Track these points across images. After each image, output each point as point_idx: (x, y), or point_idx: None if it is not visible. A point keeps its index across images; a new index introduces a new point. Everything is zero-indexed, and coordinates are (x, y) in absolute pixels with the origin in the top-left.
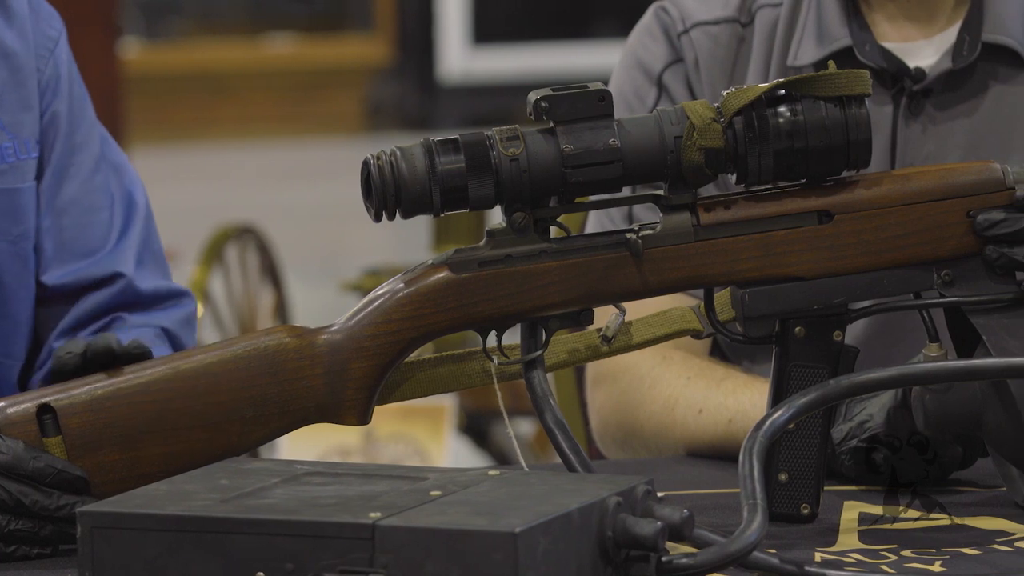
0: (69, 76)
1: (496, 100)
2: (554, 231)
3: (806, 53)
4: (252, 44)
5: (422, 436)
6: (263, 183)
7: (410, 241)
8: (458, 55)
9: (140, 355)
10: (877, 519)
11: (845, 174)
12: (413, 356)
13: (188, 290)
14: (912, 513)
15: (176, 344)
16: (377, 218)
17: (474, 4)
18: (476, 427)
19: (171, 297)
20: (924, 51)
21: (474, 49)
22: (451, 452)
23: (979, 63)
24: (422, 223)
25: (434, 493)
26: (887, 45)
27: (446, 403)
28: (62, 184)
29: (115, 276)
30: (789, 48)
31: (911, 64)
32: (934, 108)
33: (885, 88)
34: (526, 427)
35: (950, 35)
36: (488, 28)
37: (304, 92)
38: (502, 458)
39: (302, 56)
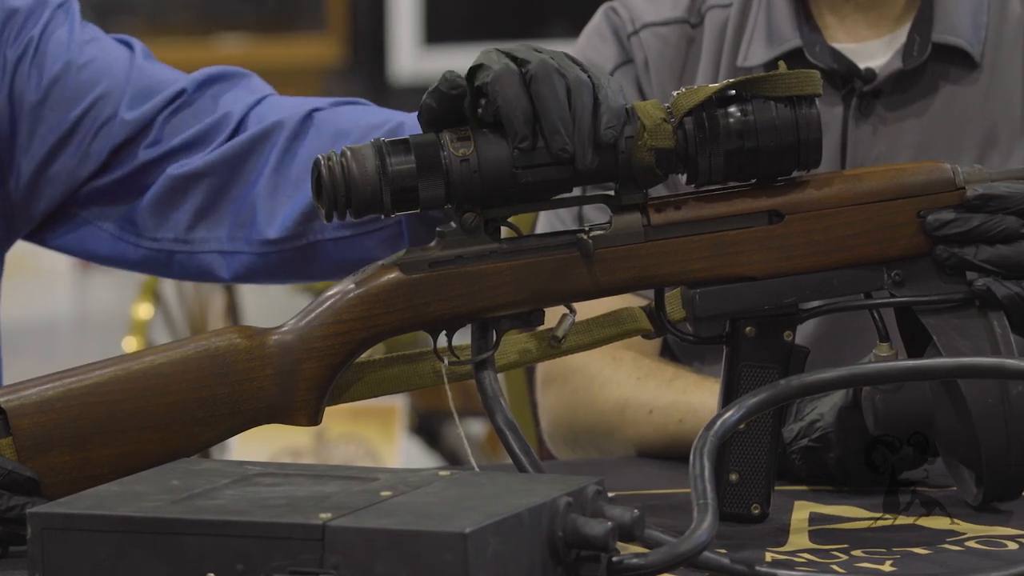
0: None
1: None
2: (505, 231)
3: (756, 54)
4: (203, 45)
5: (373, 437)
6: None
7: None
8: (410, 55)
9: None
10: (828, 519)
11: (795, 174)
12: (364, 356)
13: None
14: (863, 513)
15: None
16: (328, 218)
17: (426, 4)
18: (427, 428)
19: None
20: (874, 52)
21: (426, 49)
22: (402, 453)
23: (929, 64)
24: None
25: (384, 494)
26: (837, 46)
27: (397, 404)
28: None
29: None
30: (739, 49)
31: (861, 65)
32: (884, 109)
33: (835, 89)
34: (477, 427)
35: (900, 36)
36: (440, 28)
37: None
38: (453, 459)
39: (253, 56)
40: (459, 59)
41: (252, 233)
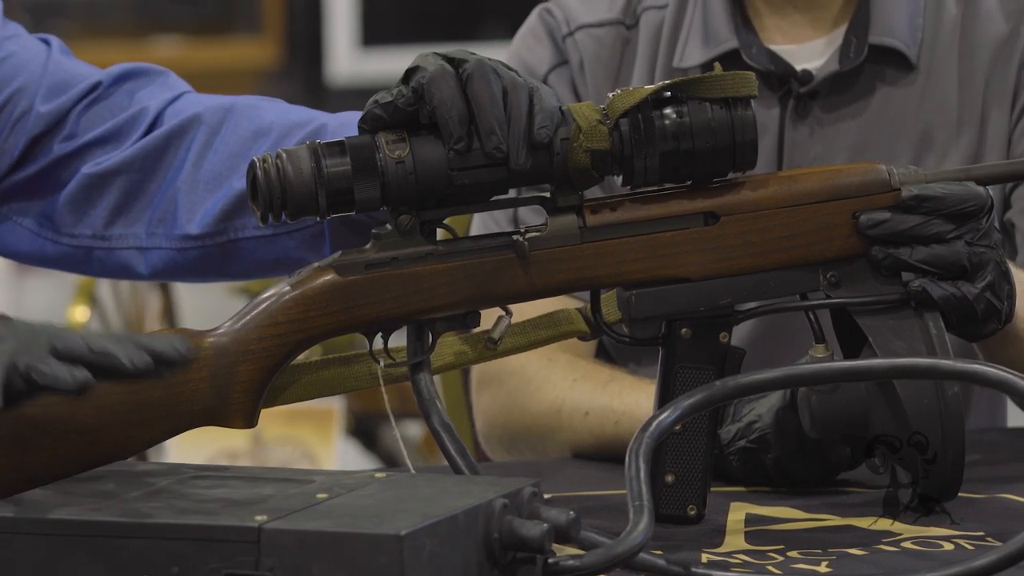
0: None
1: None
2: (441, 233)
3: (692, 55)
4: (138, 47)
5: (310, 439)
6: None
7: None
8: (347, 57)
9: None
10: (764, 520)
11: (731, 176)
12: (300, 358)
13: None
14: (798, 514)
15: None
16: (263, 220)
17: (362, 6)
18: (364, 430)
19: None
20: (811, 53)
21: (363, 51)
22: (339, 455)
23: (866, 65)
24: None
25: (320, 496)
26: (774, 47)
27: (334, 406)
28: None
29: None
30: (675, 50)
31: (798, 66)
32: (821, 110)
33: (772, 91)
34: (414, 429)
35: (837, 37)
36: (377, 30)
37: None
38: (390, 460)
39: (189, 58)
40: (396, 61)
41: (172, 229)
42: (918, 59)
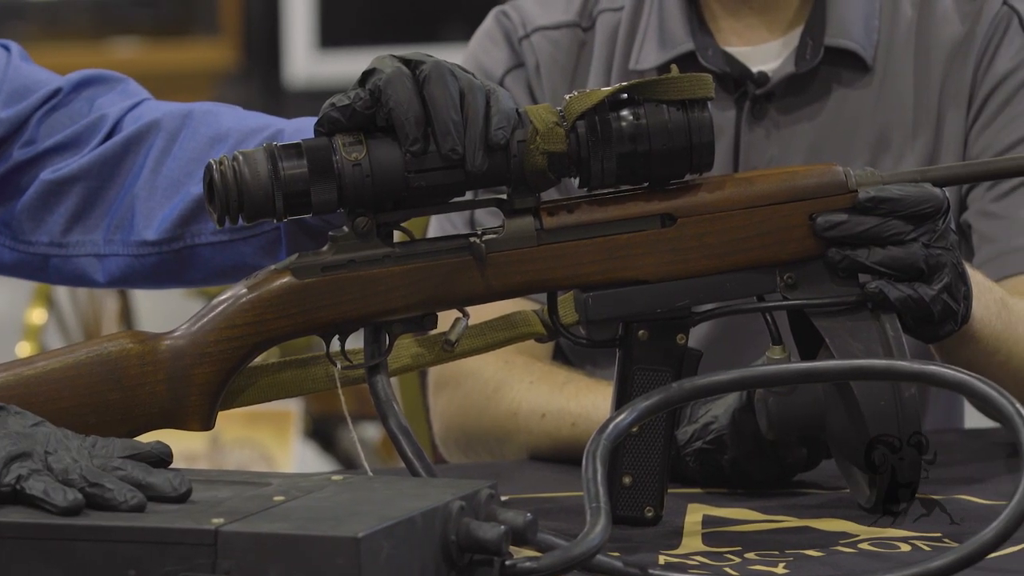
0: None
1: None
2: (397, 236)
3: (648, 57)
4: (97, 49)
5: (268, 441)
6: None
7: None
8: (305, 59)
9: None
10: (721, 521)
11: (688, 177)
12: (257, 361)
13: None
14: (756, 515)
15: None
16: (220, 223)
17: (321, 8)
18: (322, 432)
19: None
20: (767, 56)
21: (321, 53)
22: (297, 457)
23: (822, 67)
24: None
25: (277, 499)
26: (730, 50)
27: (292, 408)
28: None
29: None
30: (631, 52)
31: (754, 68)
32: (777, 112)
33: (728, 93)
34: (372, 431)
35: (793, 40)
36: (335, 32)
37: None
38: (348, 463)
39: (147, 61)
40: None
41: (129, 235)
42: (874, 61)
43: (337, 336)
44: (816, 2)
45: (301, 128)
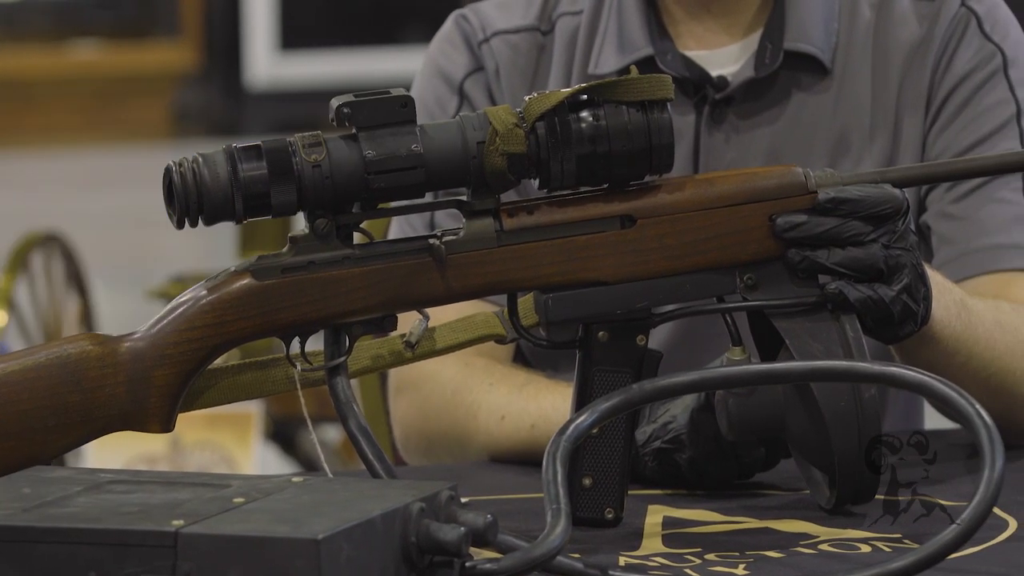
0: None
1: (304, 106)
2: (357, 237)
3: (607, 61)
4: (57, 51)
5: (229, 443)
6: (69, 191)
7: (217, 248)
8: (265, 61)
9: None
10: (681, 523)
11: (648, 179)
12: (218, 362)
13: None
14: (716, 516)
15: None
16: (179, 225)
17: (281, 10)
18: (283, 434)
19: None
20: (726, 60)
21: (281, 55)
22: (258, 459)
23: (781, 71)
24: (228, 229)
25: (237, 500)
26: (689, 54)
27: (253, 410)
28: None
29: None
30: (590, 56)
31: (713, 72)
32: (737, 116)
33: (687, 97)
34: (333, 433)
35: (752, 43)
36: (295, 34)
37: (110, 99)
38: (309, 465)
39: (107, 63)
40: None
41: None
42: (833, 64)
43: (297, 338)
44: (775, 6)
45: None
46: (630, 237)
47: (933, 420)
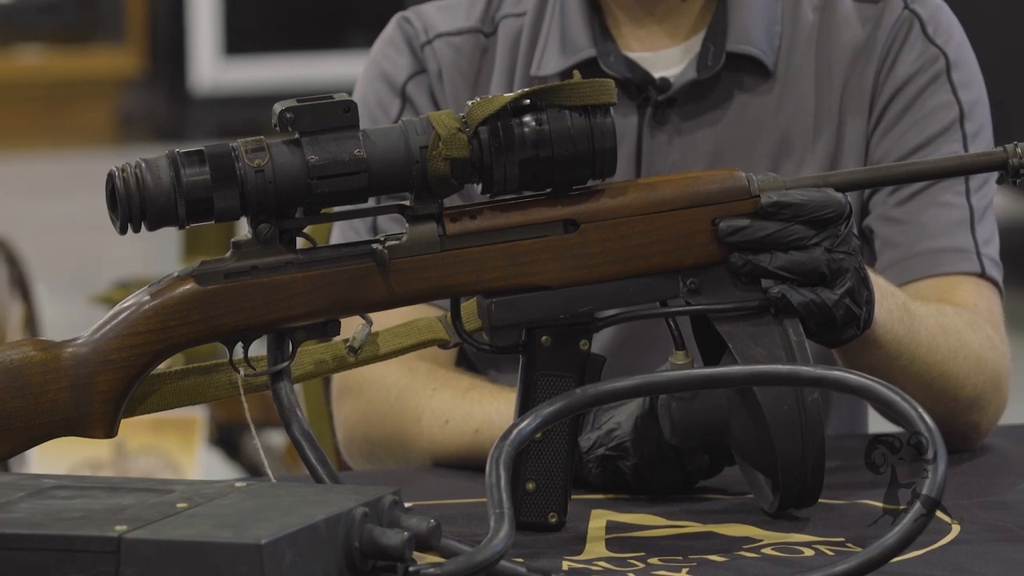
0: None
1: (249, 111)
2: (301, 242)
3: (550, 63)
4: (1, 56)
5: (173, 449)
6: (12, 195)
7: (161, 253)
8: (210, 66)
9: None
10: (625, 527)
11: (591, 183)
12: (162, 367)
13: None
14: (660, 521)
15: None
16: (122, 231)
17: (226, 15)
18: (228, 439)
19: None
20: (669, 61)
21: (226, 60)
22: (203, 465)
23: (724, 73)
24: (172, 235)
25: (180, 505)
26: (632, 55)
27: (198, 415)
28: None
29: None
30: (533, 58)
31: (656, 74)
32: (679, 118)
33: (630, 98)
34: (277, 439)
35: (695, 45)
36: (240, 39)
37: (54, 104)
38: (254, 470)
39: (51, 68)
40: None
41: None
42: (775, 66)
43: (240, 343)
44: (718, 9)
45: None
46: (573, 242)
47: (876, 424)
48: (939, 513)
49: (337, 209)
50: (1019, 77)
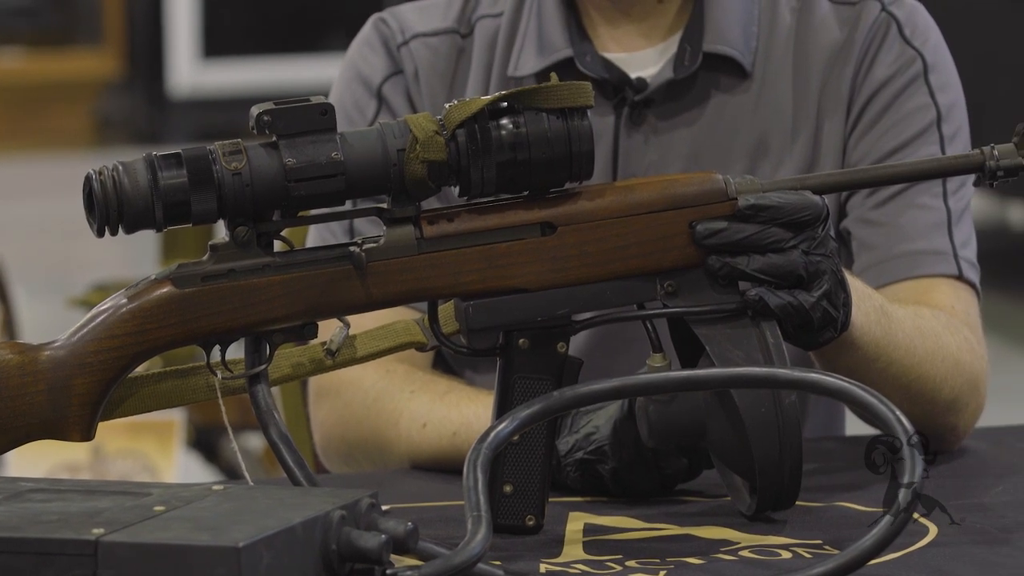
0: None
1: (227, 114)
2: (278, 245)
3: (526, 64)
4: None
5: (151, 452)
6: None
7: (138, 256)
8: (188, 69)
9: None
10: (602, 530)
11: (568, 186)
12: (139, 370)
13: None
14: (637, 523)
15: None
16: (100, 233)
17: (204, 18)
18: (205, 442)
19: None
20: (646, 62)
21: (204, 63)
22: (181, 468)
23: (701, 73)
24: (150, 238)
25: (158, 509)
26: (608, 55)
27: (175, 418)
28: None
29: None
30: (510, 59)
31: (633, 74)
32: (656, 118)
33: (607, 99)
34: (255, 442)
35: (671, 45)
36: (218, 42)
37: (32, 107)
38: (232, 473)
39: (29, 71)
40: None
41: None
42: (752, 67)
43: (218, 346)
44: (695, 9)
45: None
46: (550, 244)
47: (854, 426)
48: (916, 515)
49: (314, 212)
50: (995, 79)
